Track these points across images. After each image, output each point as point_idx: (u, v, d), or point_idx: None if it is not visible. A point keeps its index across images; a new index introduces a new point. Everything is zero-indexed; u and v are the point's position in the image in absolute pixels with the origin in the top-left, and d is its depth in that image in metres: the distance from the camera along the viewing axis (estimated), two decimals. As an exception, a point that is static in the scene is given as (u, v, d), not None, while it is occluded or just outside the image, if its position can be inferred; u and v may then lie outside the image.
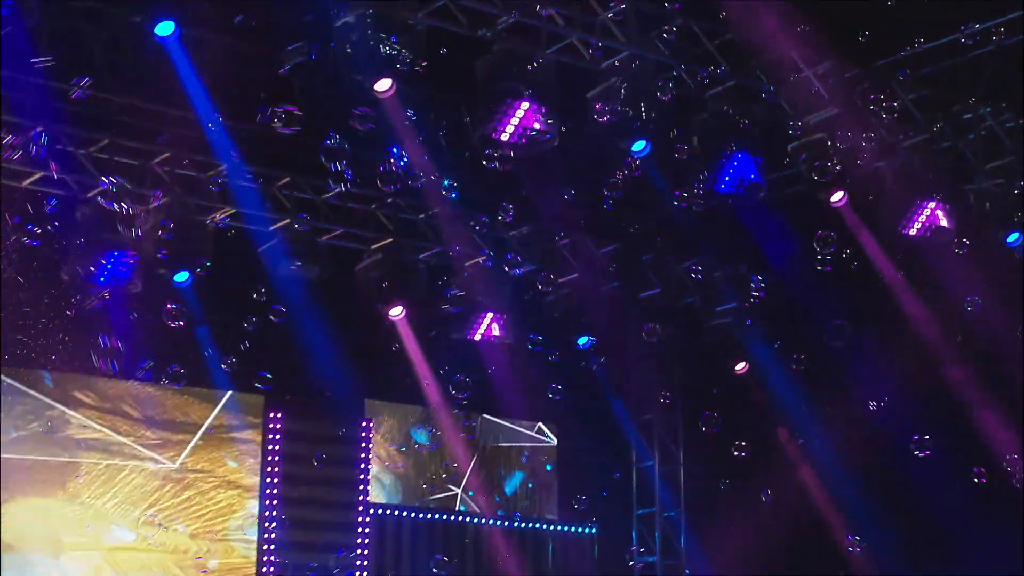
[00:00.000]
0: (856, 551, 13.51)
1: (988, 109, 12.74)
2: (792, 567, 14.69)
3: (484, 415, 16.70)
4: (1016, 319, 13.37)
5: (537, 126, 11.36)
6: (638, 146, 12.44)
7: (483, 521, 16.40)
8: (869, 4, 11.10)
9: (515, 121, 11.35)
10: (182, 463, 14.80)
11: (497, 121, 11.31)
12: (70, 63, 11.10)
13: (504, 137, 11.41)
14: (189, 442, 14.90)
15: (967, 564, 13.34)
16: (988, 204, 13.32)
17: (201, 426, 14.97)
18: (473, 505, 16.50)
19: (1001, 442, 13.67)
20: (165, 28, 10.38)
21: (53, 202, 12.22)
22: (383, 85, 11.17)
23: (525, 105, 11.25)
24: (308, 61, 10.97)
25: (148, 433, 14.71)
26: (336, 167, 11.13)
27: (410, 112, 11.78)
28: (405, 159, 11.85)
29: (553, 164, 12.38)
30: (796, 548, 14.33)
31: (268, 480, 15.07)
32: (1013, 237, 13.54)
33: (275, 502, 15.03)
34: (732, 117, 12.33)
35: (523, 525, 16.75)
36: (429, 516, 16.12)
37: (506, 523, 16.61)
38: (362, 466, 15.69)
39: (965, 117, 12.86)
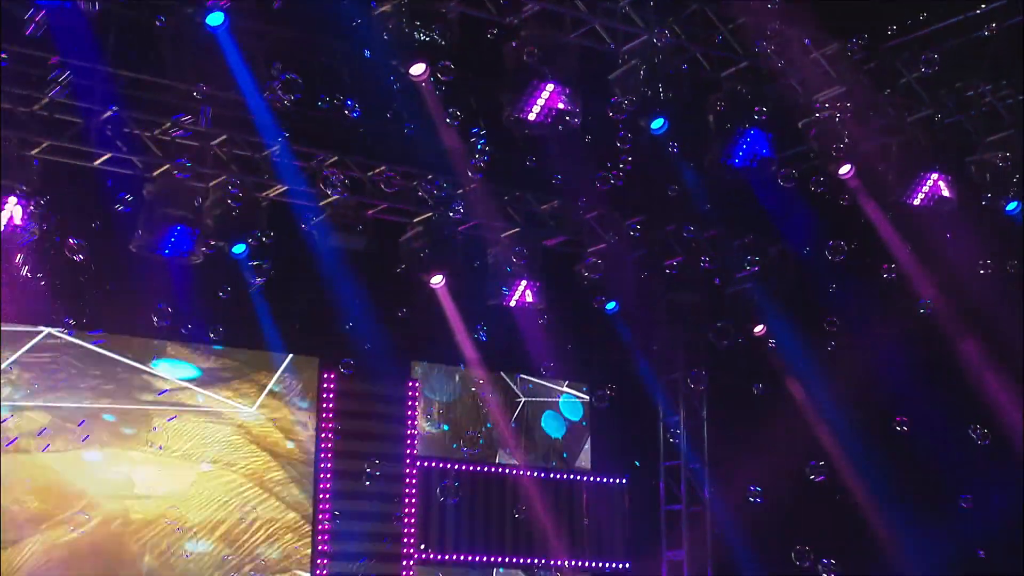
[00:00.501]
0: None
1: (989, 87, 12.64)
2: (801, 510, 14.60)
3: (520, 375, 16.65)
4: (1014, 283, 13.24)
5: (561, 106, 11.40)
6: (657, 123, 12.35)
7: (520, 473, 16.37)
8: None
9: (541, 102, 11.35)
10: (244, 421, 14.89)
11: (524, 102, 11.34)
12: (135, 52, 11.30)
13: (531, 117, 11.42)
14: (255, 399, 14.99)
15: (962, 515, 13.22)
16: (988, 175, 13.20)
17: (265, 385, 15.06)
18: (510, 459, 16.52)
19: (998, 396, 13.59)
20: (215, 18, 10.48)
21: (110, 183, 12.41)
22: (417, 69, 11.20)
23: (550, 87, 11.27)
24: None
25: (217, 390, 14.82)
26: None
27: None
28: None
29: (577, 143, 12.35)
30: (806, 494, 14.27)
31: (322, 435, 15.14)
32: (1012, 206, 13.34)
33: (329, 455, 15.10)
34: (745, 96, 12.28)
35: (558, 476, 16.72)
36: (470, 468, 16.11)
37: (542, 474, 16.60)
38: (409, 422, 15.72)
39: (967, 95, 12.78)
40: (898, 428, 12.94)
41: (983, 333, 13.71)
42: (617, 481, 16.95)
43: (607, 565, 16.65)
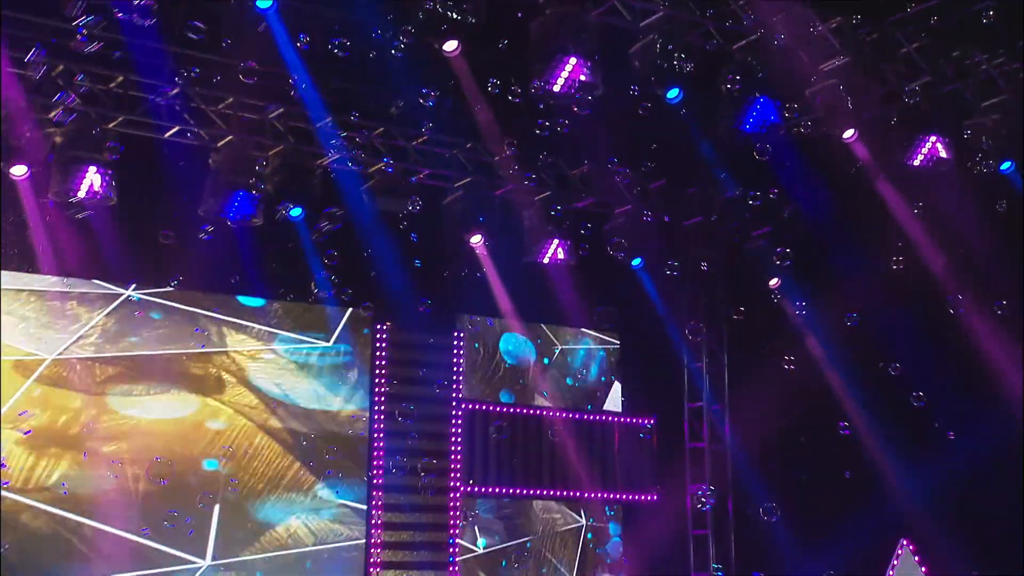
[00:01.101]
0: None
1: (986, 56, 12.53)
2: (807, 446, 14.65)
3: (555, 325, 16.64)
4: (1007, 238, 13.14)
5: (583, 79, 11.39)
6: (672, 93, 12.31)
7: (556, 414, 16.40)
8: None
9: (564, 75, 11.35)
10: (307, 363, 14.97)
11: (549, 75, 11.34)
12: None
13: (556, 88, 11.42)
14: (315, 347, 15.06)
15: (949, 449, 13.23)
16: (984, 137, 13.10)
17: (324, 335, 15.08)
18: (546, 401, 16.54)
19: (988, 342, 13.54)
20: (264, 1, 10.64)
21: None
22: (450, 46, 11.27)
23: (573, 61, 11.27)
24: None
25: (280, 340, 14.88)
26: None
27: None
28: None
29: (601, 112, 12.18)
30: (812, 432, 14.33)
31: (376, 380, 15.22)
32: (1006, 165, 13.29)
33: (383, 399, 15.17)
34: (755, 66, 12.22)
35: (591, 417, 16.74)
36: (510, 410, 16.15)
37: (576, 415, 16.64)
38: (455, 368, 15.75)
39: (964, 64, 12.67)
40: (891, 371, 13.06)
41: (974, 282, 13.61)
42: (645, 422, 16.91)
43: (636, 497, 16.65)
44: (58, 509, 13.02)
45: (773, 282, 15.49)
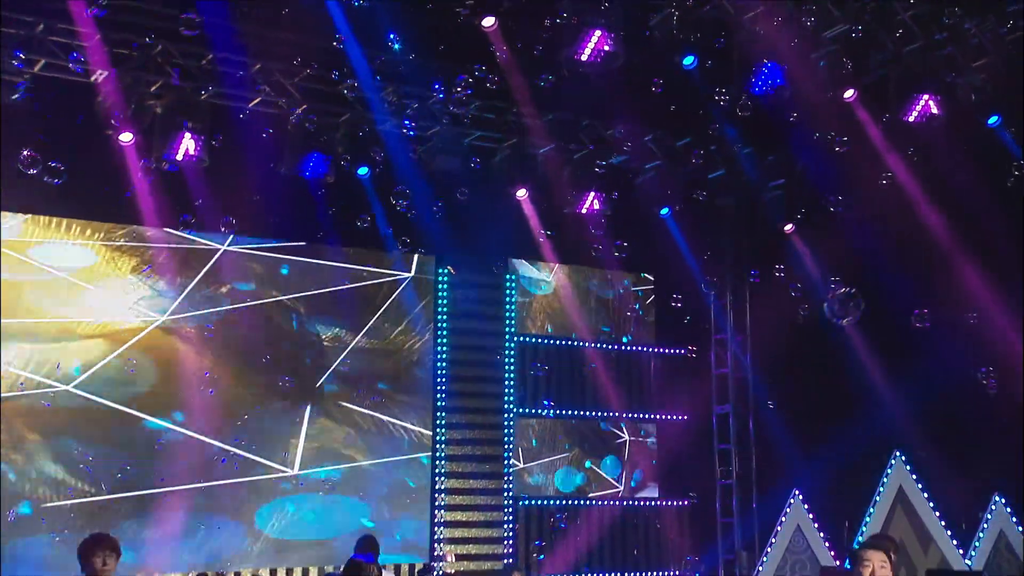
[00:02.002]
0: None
1: (978, 20, 12.32)
2: (811, 371, 14.59)
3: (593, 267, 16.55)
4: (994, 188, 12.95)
5: (607, 48, 11.42)
6: (688, 60, 12.22)
7: (596, 346, 16.41)
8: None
9: (591, 45, 11.39)
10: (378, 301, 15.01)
11: (577, 45, 11.39)
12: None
13: (583, 57, 11.46)
14: (386, 284, 15.12)
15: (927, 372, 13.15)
16: (974, 95, 12.91)
17: (393, 278, 15.11)
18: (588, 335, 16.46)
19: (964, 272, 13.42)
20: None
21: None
22: (488, 22, 11.31)
23: (598, 33, 11.32)
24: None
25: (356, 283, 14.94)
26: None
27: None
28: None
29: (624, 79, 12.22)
30: (815, 357, 14.31)
31: (438, 318, 15.33)
32: (993, 119, 13.12)
33: (444, 335, 15.31)
34: (762, 35, 12.03)
35: (629, 349, 16.75)
36: (557, 343, 16.13)
37: (613, 347, 16.65)
38: (508, 307, 15.80)
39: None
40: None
41: (957, 221, 13.46)
42: (678, 352, 16.79)
43: (668, 417, 16.70)
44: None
45: (788, 227, 15.42)
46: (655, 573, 15.69)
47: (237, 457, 13.63)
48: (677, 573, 15.65)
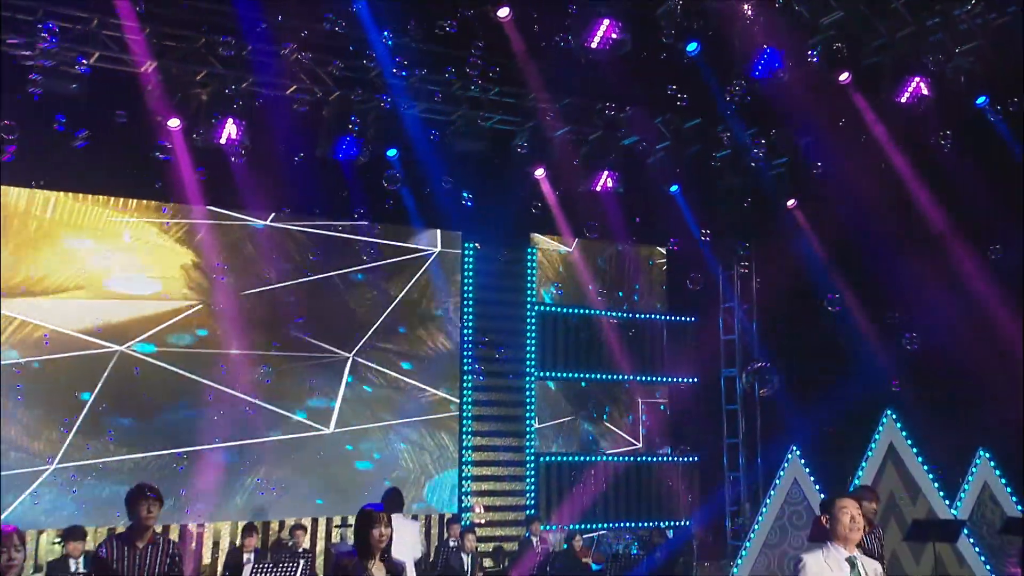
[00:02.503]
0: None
1: (966, 8, 12.24)
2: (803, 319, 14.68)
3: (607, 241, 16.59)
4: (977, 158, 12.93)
5: (615, 36, 11.42)
6: (691, 47, 12.11)
7: (611, 314, 16.53)
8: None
9: (600, 33, 11.39)
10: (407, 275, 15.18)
11: (588, 33, 11.40)
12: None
13: (593, 45, 11.46)
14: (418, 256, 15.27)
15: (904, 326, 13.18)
16: (963, 77, 12.86)
17: (423, 251, 15.30)
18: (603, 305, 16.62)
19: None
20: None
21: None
22: (503, 12, 11.36)
23: (607, 22, 11.33)
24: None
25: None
26: None
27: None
28: None
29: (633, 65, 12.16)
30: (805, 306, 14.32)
31: (465, 289, 15.50)
32: (981, 100, 13.07)
33: (470, 305, 15.48)
34: (763, 23, 11.94)
35: (642, 317, 16.82)
36: (575, 311, 16.28)
37: (627, 315, 16.74)
38: (529, 278, 15.96)
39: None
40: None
41: (944, 195, 13.45)
42: (688, 319, 16.97)
43: (678, 380, 16.80)
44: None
45: (791, 202, 15.43)
46: (665, 523, 15.83)
47: (277, 416, 13.89)
48: (688, 523, 15.81)
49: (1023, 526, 9.20)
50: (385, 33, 11.71)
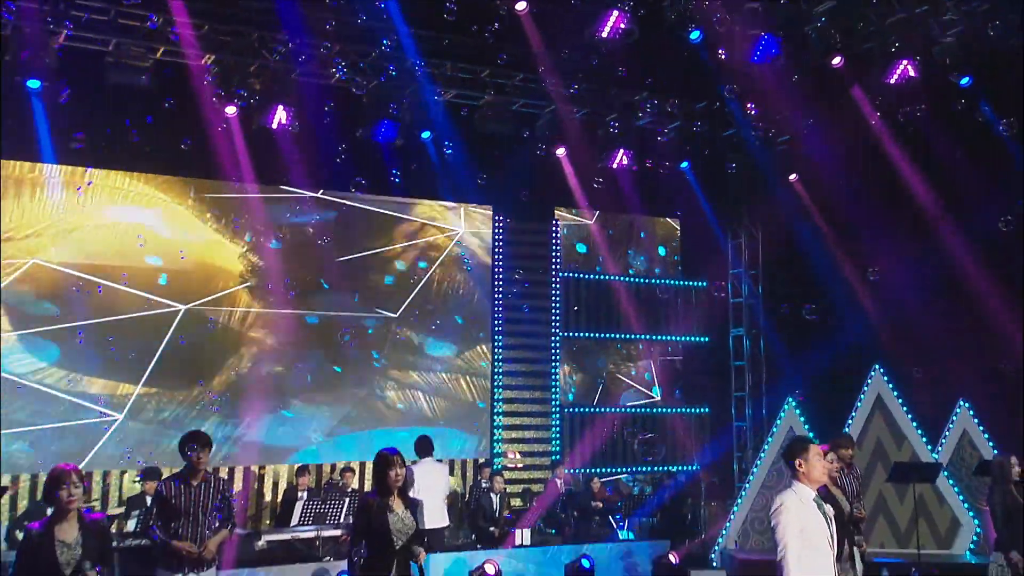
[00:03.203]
0: None
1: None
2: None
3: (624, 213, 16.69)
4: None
5: (623, 26, 11.59)
6: (694, 35, 12.24)
7: (624, 279, 16.69)
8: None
9: (610, 24, 11.60)
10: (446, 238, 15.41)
11: (599, 24, 11.63)
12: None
13: (604, 34, 11.66)
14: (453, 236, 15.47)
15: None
16: (948, 59, 12.76)
17: (457, 224, 15.47)
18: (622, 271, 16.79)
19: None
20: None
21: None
22: (520, 6, 11.52)
23: (616, 13, 11.51)
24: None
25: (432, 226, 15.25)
26: None
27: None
28: None
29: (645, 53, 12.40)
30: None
31: (496, 258, 15.73)
32: (964, 80, 12.93)
33: (500, 269, 15.69)
34: (762, 12, 12.08)
35: (655, 281, 16.92)
36: (595, 277, 16.43)
37: (645, 280, 16.85)
38: (554, 248, 16.14)
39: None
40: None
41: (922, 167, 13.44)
42: (698, 283, 17.06)
43: (690, 339, 16.95)
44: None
45: (792, 176, 15.45)
46: (676, 467, 16.06)
47: (327, 372, 14.32)
48: (695, 467, 16.00)
49: (998, 466, 9.30)
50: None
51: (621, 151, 14.41)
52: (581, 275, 16.31)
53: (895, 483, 11.86)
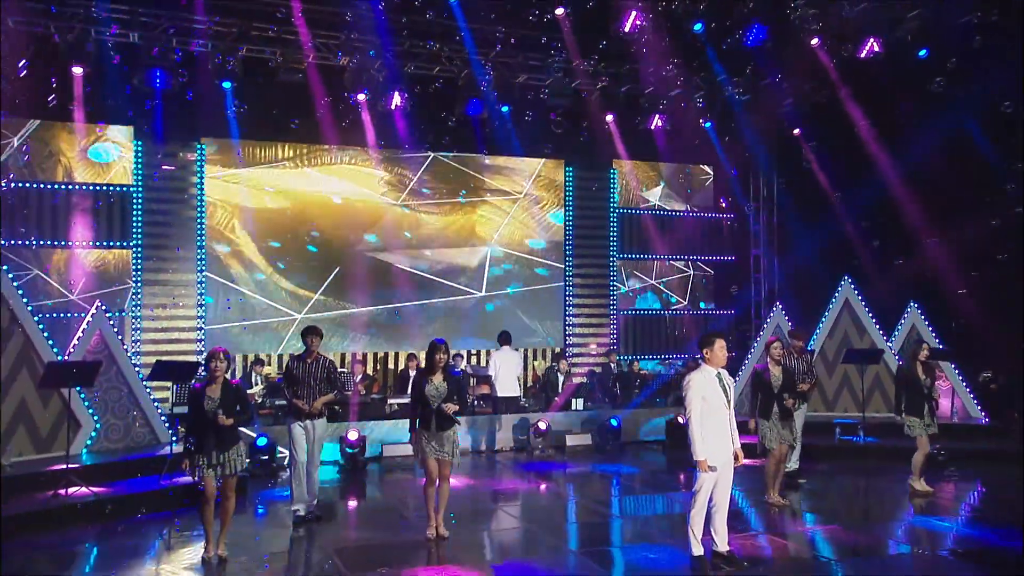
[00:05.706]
0: None
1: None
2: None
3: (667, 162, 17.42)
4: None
5: (639, 23, 12.46)
6: (697, 27, 12.88)
7: (673, 212, 17.51)
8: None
9: (630, 21, 12.45)
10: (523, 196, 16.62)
11: (621, 21, 12.50)
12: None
13: (626, 29, 12.56)
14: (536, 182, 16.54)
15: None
16: (909, 36, 13.14)
17: (529, 176, 16.62)
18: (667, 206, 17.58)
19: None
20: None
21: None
22: (559, 11, 12.42)
23: (634, 12, 12.39)
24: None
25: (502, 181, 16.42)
26: None
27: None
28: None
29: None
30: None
31: (567, 198, 16.73)
32: (922, 52, 13.29)
33: (571, 208, 16.74)
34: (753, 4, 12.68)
35: (693, 214, 17.71)
36: (646, 212, 17.38)
37: (685, 212, 17.60)
38: (612, 190, 17.11)
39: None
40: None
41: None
42: (723, 216, 17.81)
43: (719, 258, 17.84)
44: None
45: (796, 131, 16.08)
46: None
47: (443, 285, 15.88)
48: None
49: (910, 349, 10.10)
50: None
51: (656, 115, 15.30)
52: (633, 210, 17.32)
53: (847, 363, 12.87)
